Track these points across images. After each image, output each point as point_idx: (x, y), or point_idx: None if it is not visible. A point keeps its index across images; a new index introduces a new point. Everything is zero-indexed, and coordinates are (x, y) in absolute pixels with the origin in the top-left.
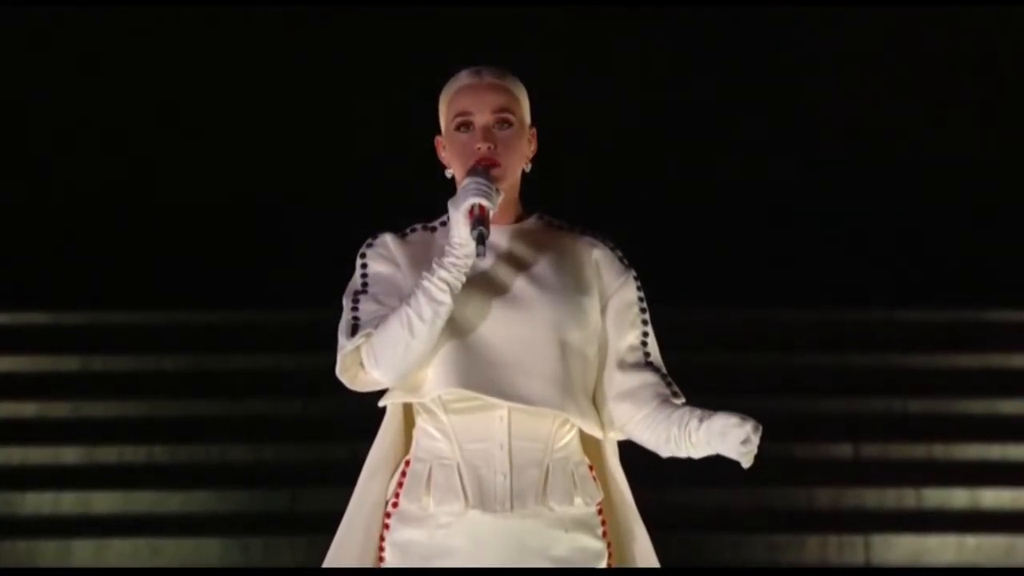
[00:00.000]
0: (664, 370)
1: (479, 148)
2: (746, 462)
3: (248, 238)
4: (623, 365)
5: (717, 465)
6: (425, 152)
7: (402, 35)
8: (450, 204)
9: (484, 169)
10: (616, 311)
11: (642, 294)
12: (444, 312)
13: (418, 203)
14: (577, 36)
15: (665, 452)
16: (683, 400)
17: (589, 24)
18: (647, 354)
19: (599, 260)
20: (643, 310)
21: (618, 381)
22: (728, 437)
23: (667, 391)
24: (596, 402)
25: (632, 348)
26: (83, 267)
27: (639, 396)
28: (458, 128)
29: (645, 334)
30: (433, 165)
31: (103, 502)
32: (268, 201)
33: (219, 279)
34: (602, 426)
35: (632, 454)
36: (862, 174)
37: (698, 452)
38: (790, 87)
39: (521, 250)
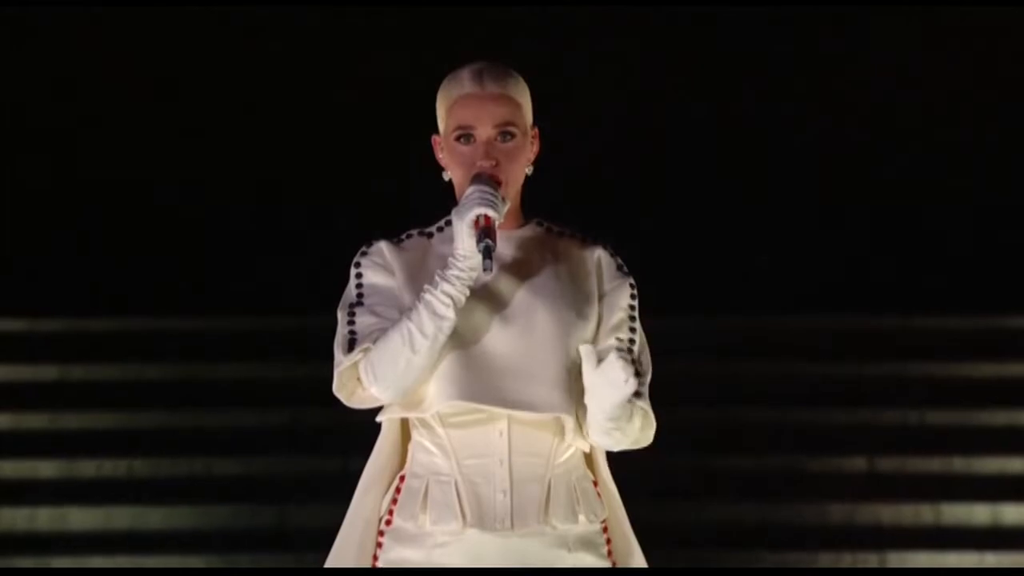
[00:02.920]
0: (643, 374)
1: (481, 165)
2: (629, 384)
3: (236, 241)
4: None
5: (724, 480)
6: (424, 155)
7: (404, 36)
8: (454, 214)
9: (489, 178)
10: (605, 313)
11: (635, 303)
12: (447, 327)
13: (415, 206)
14: (577, 35)
15: (603, 441)
16: (643, 402)
17: (589, 23)
18: (631, 360)
19: (600, 262)
20: (632, 317)
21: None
22: (605, 370)
23: None
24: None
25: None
26: (61, 271)
27: None
28: (458, 139)
29: (632, 340)
30: (431, 168)
31: (81, 518)
32: (257, 204)
33: (204, 284)
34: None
35: (638, 469)
36: (874, 173)
37: (606, 428)
38: (796, 85)
39: (522, 257)
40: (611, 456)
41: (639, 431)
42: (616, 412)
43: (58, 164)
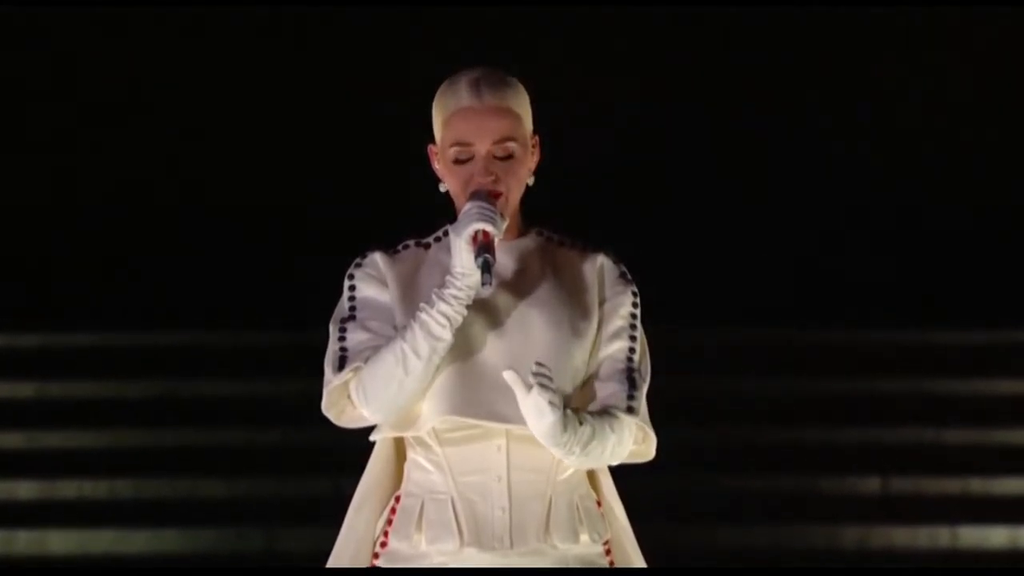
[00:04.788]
0: (639, 384)
1: (480, 181)
2: (547, 417)
3: (221, 251)
4: (593, 378)
5: (732, 501)
6: (424, 165)
7: (404, 37)
8: (451, 230)
9: (487, 192)
10: (605, 321)
11: (637, 311)
12: (442, 349)
13: (413, 217)
14: (576, 36)
15: (571, 461)
16: (632, 415)
17: (587, 24)
18: (629, 368)
19: (602, 269)
20: (633, 326)
21: (585, 394)
22: (527, 403)
23: (618, 403)
24: None
25: (610, 359)
26: (38, 284)
27: (586, 409)
28: (457, 159)
29: (632, 350)
30: (430, 178)
31: (61, 541)
32: (243, 212)
33: (189, 296)
34: None
35: (642, 489)
36: (888, 181)
37: (558, 453)
38: (806, 89)
39: (520, 268)
40: (615, 475)
41: (618, 447)
42: (555, 440)
43: (34, 180)
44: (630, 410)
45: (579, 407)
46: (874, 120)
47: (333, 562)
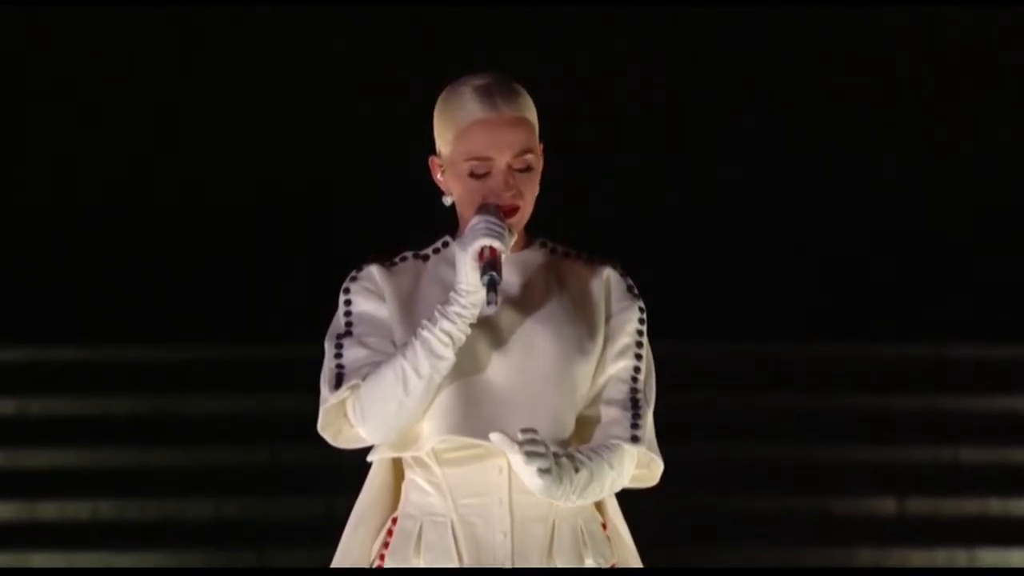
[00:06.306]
0: (644, 408)
1: (502, 196)
2: (535, 484)
3: (207, 262)
4: (597, 399)
5: (743, 522)
6: (420, 176)
7: (403, 40)
8: (457, 245)
9: (496, 207)
10: (610, 337)
11: (643, 328)
12: (444, 368)
13: (414, 223)
14: (574, 36)
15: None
16: (637, 444)
17: (587, 24)
18: (634, 389)
19: (609, 282)
20: (639, 344)
21: (589, 414)
22: (516, 460)
23: (622, 432)
24: None
25: (615, 380)
26: (18, 298)
27: (589, 435)
28: (473, 173)
29: (636, 369)
30: (429, 190)
31: (42, 564)
32: (231, 219)
33: (174, 309)
34: None
35: (648, 510)
36: (900, 188)
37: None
38: (810, 93)
39: (524, 282)
40: (621, 496)
41: (618, 480)
42: (549, 496)
43: (15, 188)
44: (634, 439)
45: (581, 428)
46: (875, 120)
47: None
